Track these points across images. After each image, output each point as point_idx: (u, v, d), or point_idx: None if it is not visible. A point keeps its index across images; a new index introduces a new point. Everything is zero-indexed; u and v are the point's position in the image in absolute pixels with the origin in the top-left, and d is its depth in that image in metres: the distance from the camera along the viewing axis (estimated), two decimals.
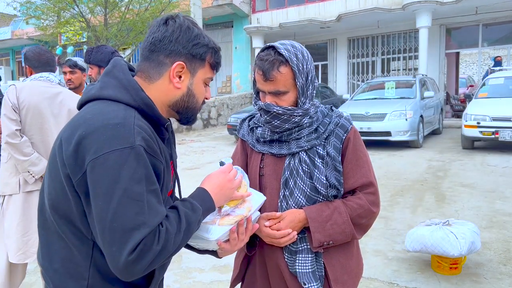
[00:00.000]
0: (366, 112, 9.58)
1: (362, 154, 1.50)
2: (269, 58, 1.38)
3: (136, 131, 1.02)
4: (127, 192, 0.97)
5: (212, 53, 1.21)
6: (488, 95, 9.29)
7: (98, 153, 0.98)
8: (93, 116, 1.04)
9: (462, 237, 3.28)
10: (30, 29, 19.76)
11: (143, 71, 1.18)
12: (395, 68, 16.70)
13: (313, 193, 1.46)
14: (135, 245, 0.96)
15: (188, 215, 1.10)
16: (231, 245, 1.29)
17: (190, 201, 1.15)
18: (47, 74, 2.74)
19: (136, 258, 0.96)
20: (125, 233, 0.96)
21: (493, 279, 3.35)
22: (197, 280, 3.49)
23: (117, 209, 0.96)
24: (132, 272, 0.98)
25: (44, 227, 1.14)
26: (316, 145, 1.46)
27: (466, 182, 6.39)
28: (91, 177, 0.99)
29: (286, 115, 1.42)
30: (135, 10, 15.36)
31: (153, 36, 1.16)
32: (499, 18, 13.99)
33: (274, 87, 1.40)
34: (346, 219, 1.44)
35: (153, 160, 1.05)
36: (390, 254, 3.89)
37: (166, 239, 1.01)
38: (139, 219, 0.97)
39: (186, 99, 1.20)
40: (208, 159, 9.05)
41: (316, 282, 1.45)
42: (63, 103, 2.71)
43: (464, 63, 28.24)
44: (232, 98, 15.96)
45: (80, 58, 3.72)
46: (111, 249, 0.97)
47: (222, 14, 17.88)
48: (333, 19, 15.16)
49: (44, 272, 1.15)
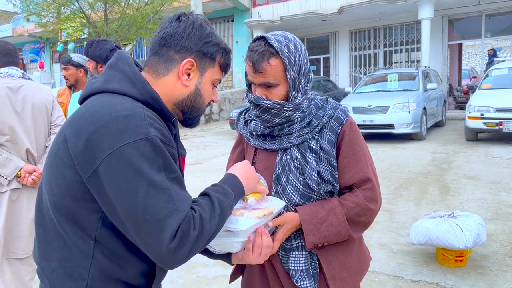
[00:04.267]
0: (369, 105, 9.52)
1: (359, 147, 1.42)
2: (259, 49, 1.32)
3: (148, 122, 1.00)
4: (152, 183, 0.95)
5: (223, 54, 1.18)
6: (492, 86, 9.23)
7: (112, 148, 0.95)
8: (100, 110, 1.01)
9: (467, 229, 3.25)
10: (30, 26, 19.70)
11: (151, 66, 1.15)
12: (397, 60, 16.60)
13: (306, 189, 1.39)
14: (173, 232, 0.95)
15: (221, 200, 1.09)
16: (255, 254, 1.26)
17: (222, 186, 1.14)
18: (6, 69, 2.58)
19: (177, 246, 0.96)
20: (159, 222, 0.95)
21: (499, 271, 3.32)
22: (201, 275, 3.48)
23: (146, 201, 0.94)
24: (175, 260, 0.98)
25: (41, 225, 1.11)
26: (308, 139, 1.40)
27: (470, 174, 6.35)
28: (109, 174, 0.96)
29: (276, 110, 1.36)
30: (135, 5, 15.30)
31: (164, 31, 1.13)
32: (503, 8, 13.86)
33: (264, 79, 1.34)
34: (342, 220, 1.36)
35: (169, 148, 1.03)
36: (395, 247, 3.87)
37: (201, 225, 1.00)
38: (169, 206, 0.96)
39: (193, 98, 1.17)
40: (211, 154, 9.03)
41: (310, 280, 1.40)
42: (26, 98, 2.56)
43: (467, 55, 28.05)
44: (233, 93, 15.90)
45: (78, 54, 3.67)
46: (148, 241, 0.96)
47: (222, 8, 17.80)
48: (335, 11, 15.05)
49: (40, 271, 1.12)
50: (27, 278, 2.64)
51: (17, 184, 2.53)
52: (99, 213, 1.03)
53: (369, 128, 9.47)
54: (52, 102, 2.73)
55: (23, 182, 2.52)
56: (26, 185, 2.54)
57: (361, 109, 9.51)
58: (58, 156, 1.04)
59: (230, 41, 18.57)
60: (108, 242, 1.05)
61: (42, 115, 2.64)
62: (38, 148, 2.64)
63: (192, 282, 3.38)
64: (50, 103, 2.70)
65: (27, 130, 2.56)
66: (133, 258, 1.08)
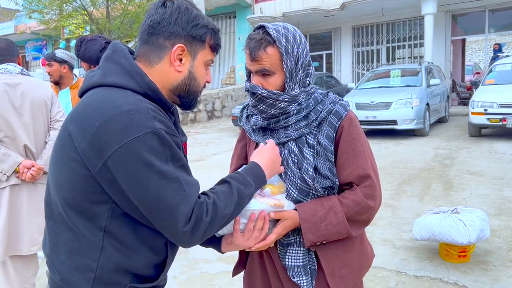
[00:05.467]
0: (372, 101, 9.49)
1: (359, 143, 1.39)
2: (256, 37, 1.32)
3: (152, 115, 1.02)
4: (162, 174, 1.00)
5: (212, 34, 1.18)
6: (495, 82, 9.17)
7: (120, 143, 0.98)
8: (102, 104, 1.02)
9: (470, 224, 3.24)
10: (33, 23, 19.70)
11: (143, 55, 1.15)
12: (400, 56, 16.54)
13: (304, 185, 1.37)
14: (186, 217, 1.01)
15: (241, 190, 1.13)
16: (243, 237, 1.26)
17: (244, 177, 1.18)
18: (5, 65, 2.58)
19: (191, 230, 1.02)
20: (172, 209, 1.01)
21: (502, 267, 3.31)
22: (203, 271, 3.49)
23: (157, 192, 1.00)
24: (191, 241, 1.05)
25: (51, 218, 1.14)
26: (305, 134, 1.38)
27: (474, 170, 6.33)
28: (119, 167, 0.99)
29: (271, 99, 1.35)
30: (137, 2, 15.27)
31: (151, 19, 1.13)
32: (506, 3, 13.76)
33: (259, 66, 1.34)
34: (342, 219, 1.35)
35: (174, 138, 1.06)
36: (398, 243, 3.86)
37: (214, 212, 1.06)
38: (180, 193, 1.01)
39: (188, 82, 1.17)
40: (213, 150, 9.03)
41: (306, 276, 1.38)
42: (25, 94, 2.56)
43: (470, 50, 27.92)
44: (236, 90, 15.87)
45: (62, 50, 3.63)
46: (164, 224, 1.03)
47: (224, 4, 17.74)
48: (337, 7, 14.99)
49: (50, 263, 1.14)
50: (30, 275, 2.66)
51: (16, 180, 2.53)
52: (109, 204, 1.05)
53: (372, 124, 9.44)
54: (52, 97, 2.72)
55: (22, 177, 2.52)
56: (25, 180, 2.54)
57: (364, 105, 9.48)
58: (64, 151, 1.06)
59: (232, 37, 18.52)
60: (117, 233, 1.07)
61: (41, 111, 2.64)
62: (37, 144, 2.63)
63: (195, 278, 3.38)
64: (50, 98, 2.70)
65: (25, 126, 2.56)
66: (142, 249, 1.10)
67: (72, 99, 3.58)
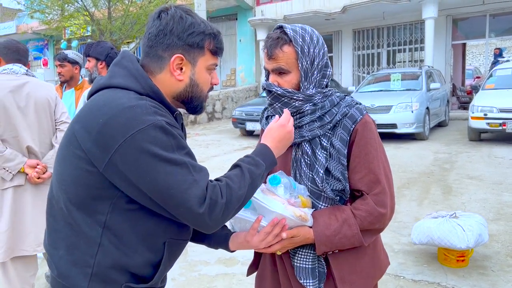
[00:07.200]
0: (372, 104, 9.50)
1: (373, 148, 1.37)
2: (274, 36, 1.36)
3: (153, 110, 1.06)
4: (168, 162, 1.02)
5: (211, 39, 1.19)
6: (495, 86, 9.19)
7: (124, 136, 1.01)
8: (106, 103, 1.06)
9: (469, 229, 3.24)
10: (34, 23, 19.71)
11: (145, 66, 1.19)
12: (400, 60, 16.54)
13: (314, 186, 1.38)
14: (199, 200, 1.03)
15: (252, 170, 1.16)
16: (258, 237, 1.28)
17: (253, 157, 1.20)
18: (11, 65, 2.60)
19: (208, 211, 1.04)
20: (184, 193, 1.02)
21: (500, 272, 3.32)
22: (202, 273, 3.50)
23: (167, 179, 1.02)
24: (210, 224, 1.06)
25: (51, 215, 1.17)
26: (319, 135, 1.38)
27: (473, 174, 6.34)
28: (126, 160, 1.02)
29: (286, 98, 1.37)
30: (139, 3, 15.29)
31: (149, 32, 1.17)
32: (507, 8, 13.78)
33: (276, 64, 1.36)
34: (356, 232, 1.34)
35: (176, 130, 1.09)
36: (396, 247, 3.87)
37: (229, 193, 1.08)
38: (189, 178, 1.04)
39: (190, 89, 1.20)
40: (213, 152, 9.04)
41: (314, 279, 1.38)
42: (30, 95, 2.58)
43: (471, 54, 27.94)
44: (236, 91, 15.89)
45: (71, 51, 3.69)
46: (180, 211, 1.04)
47: (226, 7, 17.76)
48: (338, 10, 15.00)
49: (49, 258, 1.16)
50: (29, 275, 2.67)
51: (20, 181, 2.55)
52: (111, 199, 1.08)
53: None
54: (56, 99, 2.75)
55: (32, 181, 2.57)
56: (31, 181, 2.56)
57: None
58: (69, 149, 1.10)
59: (233, 39, 18.54)
60: (116, 229, 1.09)
61: (45, 112, 2.66)
62: (41, 145, 2.65)
63: (193, 280, 3.39)
64: (54, 100, 2.73)
65: (29, 126, 2.58)
66: (141, 248, 1.12)
67: (76, 100, 3.62)
